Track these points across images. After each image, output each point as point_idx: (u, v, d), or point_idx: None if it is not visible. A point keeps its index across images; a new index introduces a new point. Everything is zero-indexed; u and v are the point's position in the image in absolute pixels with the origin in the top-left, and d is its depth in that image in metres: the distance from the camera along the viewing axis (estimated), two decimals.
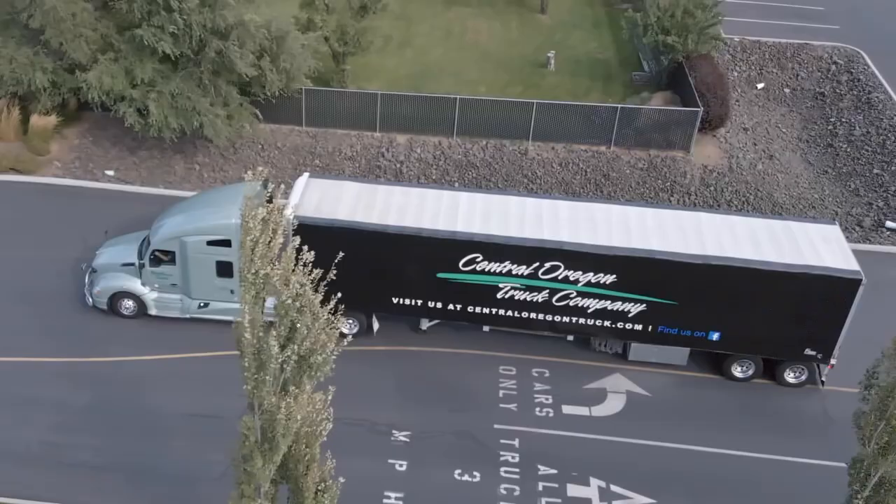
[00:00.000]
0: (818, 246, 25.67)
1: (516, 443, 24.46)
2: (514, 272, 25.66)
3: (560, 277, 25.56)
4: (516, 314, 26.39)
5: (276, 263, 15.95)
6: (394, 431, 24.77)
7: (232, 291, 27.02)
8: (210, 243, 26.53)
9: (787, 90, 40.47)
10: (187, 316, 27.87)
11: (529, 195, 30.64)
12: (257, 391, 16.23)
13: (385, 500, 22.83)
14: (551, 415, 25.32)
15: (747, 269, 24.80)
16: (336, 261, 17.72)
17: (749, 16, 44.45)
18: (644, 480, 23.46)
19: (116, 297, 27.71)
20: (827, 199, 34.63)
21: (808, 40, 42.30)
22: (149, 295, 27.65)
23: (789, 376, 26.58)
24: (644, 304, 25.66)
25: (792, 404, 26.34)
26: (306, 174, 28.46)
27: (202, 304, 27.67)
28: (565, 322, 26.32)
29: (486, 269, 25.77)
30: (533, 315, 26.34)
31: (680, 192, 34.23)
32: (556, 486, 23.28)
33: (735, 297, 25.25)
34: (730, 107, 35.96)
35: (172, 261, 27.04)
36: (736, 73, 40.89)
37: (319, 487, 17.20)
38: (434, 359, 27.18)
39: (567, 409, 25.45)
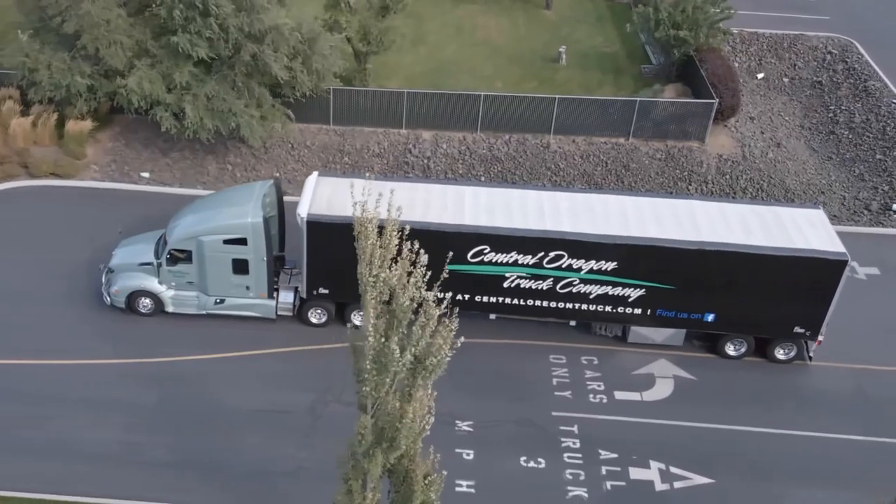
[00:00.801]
0: (805, 230, 26.25)
1: (575, 429, 24.70)
2: (519, 262, 25.93)
3: (564, 266, 25.87)
4: (522, 302, 26.69)
5: (394, 266, 15.87)
6: (457, 422, 24.91)
7: (247, 287, 27.11)
8: (227, 242, 26.45)
9: (785, 80, 40.95)
10: (203, 312, 27.75)
11: (530, 188, 30.85)
12: (376, 392, 16.24)
13: (457, 489, 22.96)
14: (605, 401, 25.59)
15: (740, 254, 25.31)
16: (447, 261, 17.74)
17: (743, 7, 44.76)
18: (701, 461, 23.86)
19: (134, 295, 27.48)
20: (834, 185, 35.19)
21: (802, 31, 42.75)
22: (166, 293, 27.45)
23: (780, 353, 27.14)
24: (643, 290, 26.10)
25: (829, 384, 26.77)
26: (316, 173, 28.29)
27: (218, 301, 27.54)
28: (569, 308, 26.69)
29: (494, 260, 26.01)
30: (538, 302, 26.63)
31: (697, 182, 34.57)
32: (618, 469, 23.60)
33: (729, 280, 25.74)
34: (740, 97, 36.31)
35: (189, 259, 26.89)
36: (737, 64, 41.15)
37: (427, 481, 17.30)
38: (486, 350, 27.16)
39: (619, 395, 25.75)
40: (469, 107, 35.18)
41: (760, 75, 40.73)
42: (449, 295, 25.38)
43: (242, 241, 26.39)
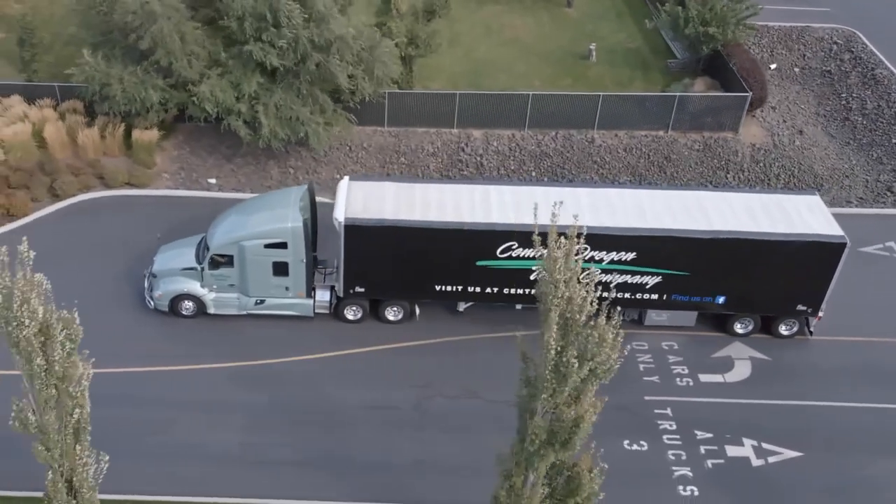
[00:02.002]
0: (805, 215, 26.81)
1: (669, 411, 25.07)
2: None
3: (587, 258, 25.96)
4: None
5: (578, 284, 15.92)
6: None
7: (287, 288, 27.06)
8: (267, 246, 26.36)
9: (796, 70, 41.42)
10: (244, 313, 27.58)
11: (550, 184, 31.21)
12: (553, 399, 16.33)
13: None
14: (691, 384, 25.98)
15: (749, 240, 25.80)
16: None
17: None
18: (788, 436, 24.44)
19: (177, 299, 27.26)
20: (856, 169, 35.85)
21: (808, 23, 43.14)
22: (208, 295, 27.25)
23: (783, 329, 27.69)
24: (660, 276, 26.50)
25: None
26: (347, 177, 28.03)
27: (259, 301, 27.39)
28: None
29: (521, 255, 26.08)
30: None
31: (734, 170, 34.98)
32: (715, 448, 24.07)
33: (738, 265, 26.23)
34: (767, 89, 36.74)
35: (231, 263, 26.73)
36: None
37: (592, 474, 17.48)
38: None
39: (704, 378, 26.16)
40: (517, 106, 35.12)
41: (773, 66, 41.13)
42: (477, 289, 26.59)
43: (283, 245, 26.34)
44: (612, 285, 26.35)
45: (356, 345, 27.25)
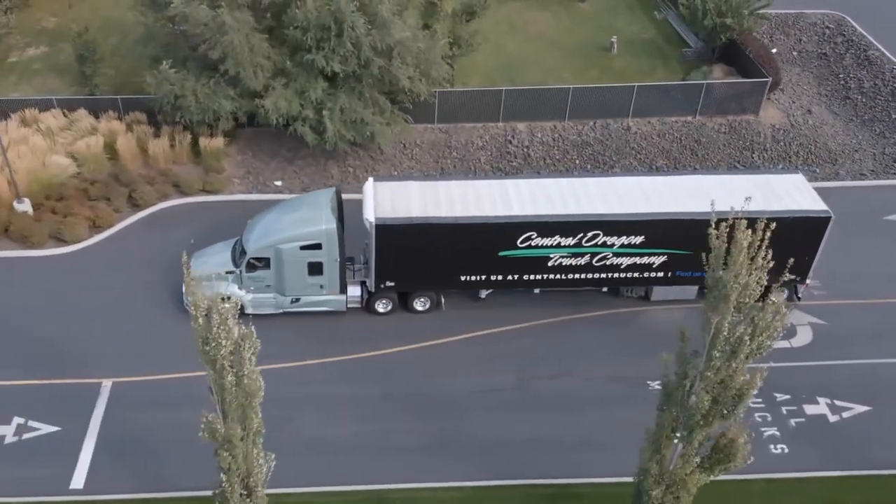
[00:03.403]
0: (793, 193, 27.51)
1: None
2: (562, 243, 26.50)
3: (599, 243, 26.61)
4: (563, 276, 27.33)
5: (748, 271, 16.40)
6: (647, 382, 25.52)
7: (321, 286, 27.04)
8: (303, 248, 26.28)
9: (794, 53, 42.29)
10: (280, 311, 27.46)
11: (561, 176, 31.61)
12: (720, 373, 16.87)
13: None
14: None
15: (747, 219, 26.35)
16: None
17: None
18: (857, 393, 25.32)
19: None
20: (863, 143, 36.92)
21: (801, 10, 44.06)
22: (245, 297, 27.01)
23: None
24: (665, 256, 27.10)
25: None
26: (371, 178, 27.91)
27: (294, 300, 27.33)
28: (603, 278, 27.51)
29: (540, 244, 26.50)
30: (577, 276, 27.36)
31: (759, 150, 35.77)
32: (795, 408, 24.87)
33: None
34: (780, 74, 37.56)
35: (267, 266, 26.55)
36: None
37: (745, 440, 18.14)
38: (633, 318, 28.04)
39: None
40: (558, 99, 35.33)
41: (774, 50, 41.98)
42: (500, 277, 27.16)
43: (317, 246, 26.29)
44: (621, 266, 26.99)
45: (448, 334, 27.33)
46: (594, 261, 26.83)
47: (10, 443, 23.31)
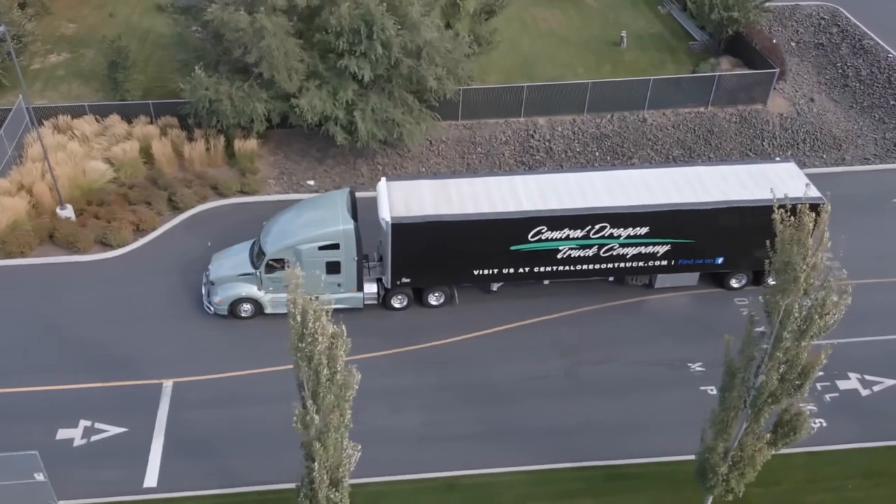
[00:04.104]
0: (787, 181, 27.89)
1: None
2: (571, 236, 26.81)
3: (606, 235, 26.97)
4: (572, 268, 27.64)
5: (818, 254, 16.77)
6: (689, 364, 26.10)
7: (339, 285, 27.02)
8: (321, 248, 26.33)
9: (793, 44, 42.91)
10: None
11: (567, 171, 31.60)
12: (788, 354, 17.32)
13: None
14: None
15: (745, 207, 26.89)
16: None
17: None
18: (885, 367, 25.92)
19: (236, 302, 27.02)
20: (864, 129, 37.64)
21: (797, 1, 44.77)
22: (264, 297, 27.10)
23: (771, 280, 28.93)
24: (669, 245, 27.50)
25: None
26: (384, 179, 27.94)
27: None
28: (610, 268, 27.87)
29: (550, 237, 26.78)
30: (585, 266, 27.68)
31: (768, 138, 36.33)
32: (828, 384, 25.42)
33: (735, 229, 27.28)
34: (786, 64, 38.13)
35: (285, 267, 26.44)
36: None
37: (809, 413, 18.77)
38: (673, 301, 28.47)
39: None
40: (577, 93, 35.59)
41: (773, 41, 42.59)
42: (511, 270, 27.53)
43: (335, 246, 26.35)
44: (627, 256, 27.37)
45: (495, 324, 27.53)
46: (601, 252, 27.16)
47: (79, 445, 23.23)
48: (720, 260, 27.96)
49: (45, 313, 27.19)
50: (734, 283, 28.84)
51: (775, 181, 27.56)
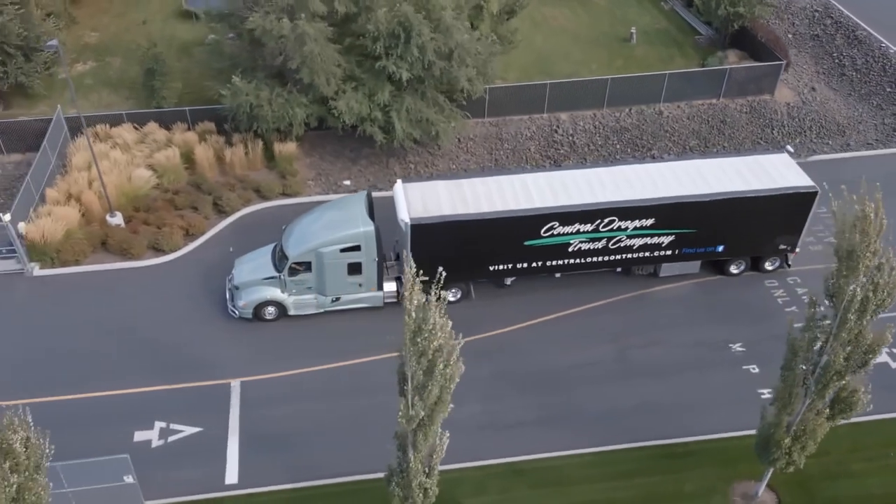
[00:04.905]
0: (782, 171, 28.62)
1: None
2: (581, 230, 27.23)
3: (615, 228, 27.44)
4: (582, 260, 28.09)
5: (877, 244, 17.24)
6: (730, 345, 26.71)
7: (360, 285, 27.22)
8: (343, 250, 26.44)
9: (790, 36, 43.67)
10: (321, 311, 27.58)
11: (574, 167, 31.58)
12: (850, 333, 17.91)
13: (762, 397, 24.79)
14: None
15: (745, 198, 27.51)
16: None
17: None
18: None
19: (260, 306, 27.10)
20: (864, 115, 38.55)
21: None
22: (288, 299, 27.19)
23: (768, 265, 29.69)
24: (673, 236, 28.02)
25: None
26: (399, 180, 28.04)
27: (335, 299, 27.49)
28: (617, 259, 28.32)
29: (561, 232, 27.18)
30: (594, 259, 28.13)
31: (777, 127, 37.07)
32: None
33: (735, 218, 27.95)
34: (790, 56, 38.86)
35: (308, 269, 26.65)
36: None
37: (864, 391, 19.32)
38: (705, 286, 29.07)
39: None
40: (597, 89, 36.02)
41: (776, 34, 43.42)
42: (524, 265, 27.82)
43: (356, 248, 26.47)
44: (634, 247, 27.85)
45: (539, 314, 27.88)
46: (610, 244, 27.64)
47: (157, 446, 23.29)
48: (721, 248, 28.55)
49: (106, 319, 27.08)
50: (733, 269, 29.44)
51: (770, 171, 28.33)
